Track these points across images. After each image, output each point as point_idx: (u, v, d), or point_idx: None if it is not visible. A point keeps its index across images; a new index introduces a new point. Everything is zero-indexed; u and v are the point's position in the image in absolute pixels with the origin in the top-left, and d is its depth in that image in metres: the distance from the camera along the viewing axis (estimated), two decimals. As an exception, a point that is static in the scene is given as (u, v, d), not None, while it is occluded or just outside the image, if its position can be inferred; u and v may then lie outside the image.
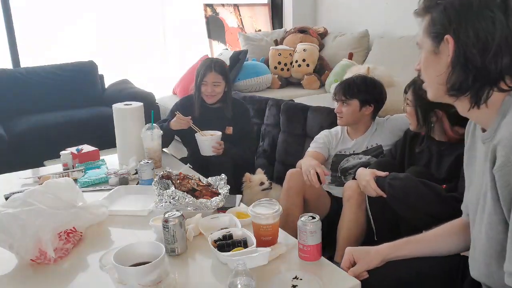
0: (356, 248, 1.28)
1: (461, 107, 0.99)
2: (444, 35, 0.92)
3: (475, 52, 0.89)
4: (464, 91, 0.93)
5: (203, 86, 2.37)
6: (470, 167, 1.10)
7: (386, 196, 1.65)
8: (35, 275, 1.25)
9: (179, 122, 2.31)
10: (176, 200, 1.46)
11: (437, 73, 0.96)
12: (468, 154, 1.11)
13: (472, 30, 0.89)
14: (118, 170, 1.93)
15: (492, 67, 0.89)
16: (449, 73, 0.94)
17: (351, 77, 2.17)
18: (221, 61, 2.49)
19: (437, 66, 0.96)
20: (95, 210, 1.50)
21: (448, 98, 0.98)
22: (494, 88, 0.92)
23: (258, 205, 1.36)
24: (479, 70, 0.90)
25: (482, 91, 0.92)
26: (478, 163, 1.04)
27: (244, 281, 1.05)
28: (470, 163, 1.10)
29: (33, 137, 3.36)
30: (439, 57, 0.95)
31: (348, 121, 2.12)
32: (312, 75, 4.00)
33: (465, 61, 0.90)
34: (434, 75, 0.97)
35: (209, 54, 4.45)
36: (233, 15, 4.71)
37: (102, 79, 4.20)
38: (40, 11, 4.27)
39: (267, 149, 2.88)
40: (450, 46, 0.91)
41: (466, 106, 0.96)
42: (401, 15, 3.80)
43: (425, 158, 1.80)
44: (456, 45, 0.91)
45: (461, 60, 0.91)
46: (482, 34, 0.88)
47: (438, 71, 0.95)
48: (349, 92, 2.07)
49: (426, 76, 1.01)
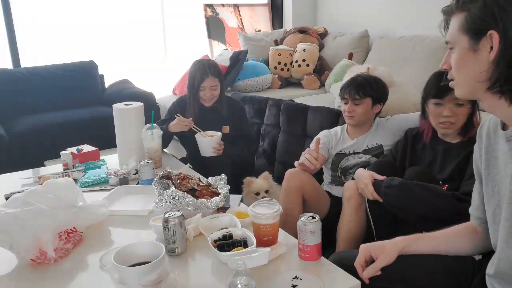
0: (371, 244, 1.24)
1: (495, 104, 0.96)
2: (487, 31, 0.90)
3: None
4: (509, 86, 0.92)
5: (201, 92, 2.36)
6: (493, 170, 1.07)
7: (383, 201, 1.66)
8: (35, 275, 1.25)
9: (180, 124, 2.31)
10: (176, 200, 1.46)
11: (477, 71, 0.94)
12: (486, 156, 1.09)
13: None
14: (118, 170, 1.93)
15: None
16: (492, 70, 0.92)
17: (358, 76, 2.15)
18: (213, 63, 2.47)
19: (476, 64, 0.94)
20: (95, 210, 1.50)
21: (485, 96, 0.96)
22: None
23: (258, 205, 1.36)
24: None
25: None
26: (502, 163, 1.02)
27: (244, 281, 1.05)
28: (492, 165, 1.07)
29: (33, 137, 3.37)
30: (479, 54, 0.93)
31: (360, 120, 2.11)
32: (312, 75, 4.00)
33: (511, 56, 0.89)
34: (472, 73, 0.95)
35: (209, 54, 4.45)
36: (233, 15, 4.71)
37: (102, 79, 4.20)
38: (40, 11, 4.27)
39: (267, 149, 2.88)
40: (495, 42, 0.90)
41: (503, 103, 0.94)
42: (401, 15, 3.81)
43: (428, 157, 1.80)
44: (502, 40, 0.89)
45: (507, 55, 0.89)
46: None
47: (478, 69, 0.94)
48: (363, 90, 2.06)
49: (460, 75, 0.99)
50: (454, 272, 1.22)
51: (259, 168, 2.68)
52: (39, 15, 4.25)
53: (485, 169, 1.10)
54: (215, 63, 2.49)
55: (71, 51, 4.32)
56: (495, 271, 1.05)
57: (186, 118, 2.33)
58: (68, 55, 4.18)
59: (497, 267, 1.04)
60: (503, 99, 0.94)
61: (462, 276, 1.22)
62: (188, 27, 4.79)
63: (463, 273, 1.22)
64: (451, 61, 1.00)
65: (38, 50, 4.26)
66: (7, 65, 3.92)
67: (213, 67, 2.39)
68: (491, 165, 1.07)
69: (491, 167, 1.08)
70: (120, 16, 4.58)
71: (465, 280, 1.21)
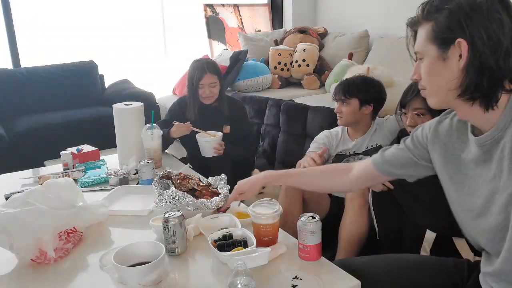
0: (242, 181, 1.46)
1: (468, 110, 0.97)
2: (454, 39, 0.91)
3: (489, 53, 0.89)
4: (479, 93, 0.93)
5: (200, 90, 2.36)
6: (457, 167, 1.07)
7: (394, 189, 1.64)
8: (35, 275, 1.25)
9: (179, 129, 2.31)
10: (176, 200, 1.46)
11: (447, 79, 0.95)
12: (445, 152, 1.09)
13: (485, 32, 0.89)
14: (118, 170, 1.92)
15: (503, 66, 0.90)
16: (462, 77, 0.93)
17: (351, 77, 2.18)
18: (211, 61, 2.48)
19: (445, 72, 0.95)
20: (95, 210, 1.50)
21: (457, 103, 0.97)
22: (502, 89, 0.92)
23: (258, 205, 1.36)
24: (493, 71, 0.90)
25: (495, 92, 0.92)
26: (472, 165, 1.03)
27: (244, 281, 1.05)
28: (451, 162, 1.08)
29: (33, 137, 3.37)
30: (448, 62, 0.94)
31: (348, 120, 2.12)
32: (312, 75, 4.00)
33: (480, 63, 0.90)
34: (442, 81, 0.96)
35: (209, 54, 4.45)
36: (233, 15, 4.71)
37: (102, 79, 4.20)
38: (40, 11, 4.27)
39: (267, 149, 2.88)
40: (464, 49, 0.91)
41: (476, 109, 0.95)
42: (401, 15, 3.79)
43: None
44: (470, 47, 0.90)
45: (476, 62, 0.90)
46: (494, 35, 0.88)
47: (449, 77, 0.95)
48: (348, 91, 2.08)
49: (431, 84, 1.00)
50: (450, 273, 1.23)
51: (259, 168, 2.67)
52: (39, 15, 4.26)
53: (441, 162, 1.10)
54: (213, 61, 2.49)
55: (71, 51, 4.33)
56: (495, 270, 1.04)
57: (185, 121, 2.33)
58: (68, 55, 4.19)
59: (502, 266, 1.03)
60: (476, 106, 0.95)
61: (457, 277, 1.22)
62: (188, 27, 4.79)
63: (458, 277, 1.22)
64: (421, 71, 1.01)
65: (38, 50, 4.26)
66: (7, 65, 3.92)
67: (211, 65, 2.39)
68: (450, 162, 1.08)
69: (450, 164, 1.08)
70: (120, 16, 4.58)
71: (461, 280, 1.21)
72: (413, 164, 1.19)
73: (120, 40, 4.60)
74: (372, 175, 1.29)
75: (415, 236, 1.71)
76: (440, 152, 1.11)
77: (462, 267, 1.23)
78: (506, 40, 0.89)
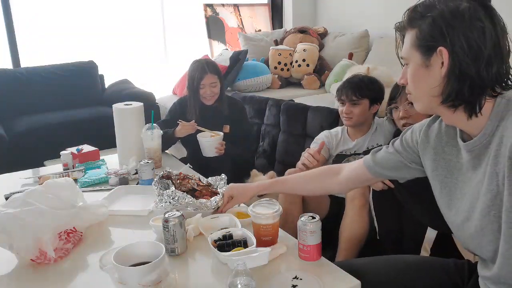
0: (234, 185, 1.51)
1: (451, 116, 0.99)
2: (436, 47, 0.92)
3: (470, 62, 0.90)
4: (460, 101, 0.94)
5: (201, 90, 2.36)
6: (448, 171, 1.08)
7: (394, 186, 1.64)
8: (35, 275, 1.25)
9: (185, 128, 2.31)
10: (176, 200, 1.46)
11: (430, 86, 0.96)
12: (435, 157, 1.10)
13: (466, 41, 0.89)
14: (118, 170, 1.92)
15: (485, 75, 0.90)
16: (444, 84, 0.94)
17: (355, 77, 2.15)
18: (211, 61, 2.49)
19: (429, 79, 0.96)
20: (95, 210, 1.50)
21: (441, 109, 0.99)
22: (486, 96, 0.93)
23: (258, 205, 1.36)
24: (473, 79, 0.91)
25: (478, 99, 0.93)
26: (465, 173, 1.03)
27: (244, 281, 1.05)
28: (442, 167, 1.09)
29: (33, 137, 3.37)
30: (431, 69, 0.95)
31: (357, 121, 2.11)
32: (312, 75, 4.00)
33: (460, 72, 0.91)
34: (426, 88, 0.97)
35: (209, 54, 4.45)
36: (233, 15, 4.71)
37: (102, 79, 4.20)
38: (40, 11, 4.27)
39: (267, 149, 2.88)
40: (445, 58, 0.92)
41: (461, 116, 0.96)
42: (401, 15, 3.80)
43: None
44: (451, 56, 0.91)
45: (456, 70, 0.91)
46: (475, 44, 0.89)
47: (431, 84, 0.96)
48: (359, 91, 2.06)
49: (416, 90, 1.01)
50: (450, 274, 1.23)
51: (259, 168, 2.67)
52: (39, 15, 4.26)
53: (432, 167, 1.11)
54: (213, 61, 2.51)
55: (71, 51, 4.33)
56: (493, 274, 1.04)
57: (188, 121, 2.33)
58: (68, 55, 4.19)
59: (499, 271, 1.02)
60: (458, 113, 0.96)
61: (458, 277, 1.22)
62: (188, 27, 4.79)
63: (459, 275, 1.22)
64: (407, 76, 1.02)
65: (38, 50, 4.26)
66: (7, 65, 3.92)
67: (211, 65, 2.40)
68: (441, 167, 1.09)
69: (441, 169, 1.09)
70: (120, 16, 4.58)
71: (461, 281, 1.22)
72: (404, 167, 1.20)
73: (120, 40, 4.59)
74: (365, 176, 1.29)
75: (416, 235, 1.71)
76: (431, 157, 1.12)
77: (462, 268, 1.24)
78: (487, 49, 0.89)
